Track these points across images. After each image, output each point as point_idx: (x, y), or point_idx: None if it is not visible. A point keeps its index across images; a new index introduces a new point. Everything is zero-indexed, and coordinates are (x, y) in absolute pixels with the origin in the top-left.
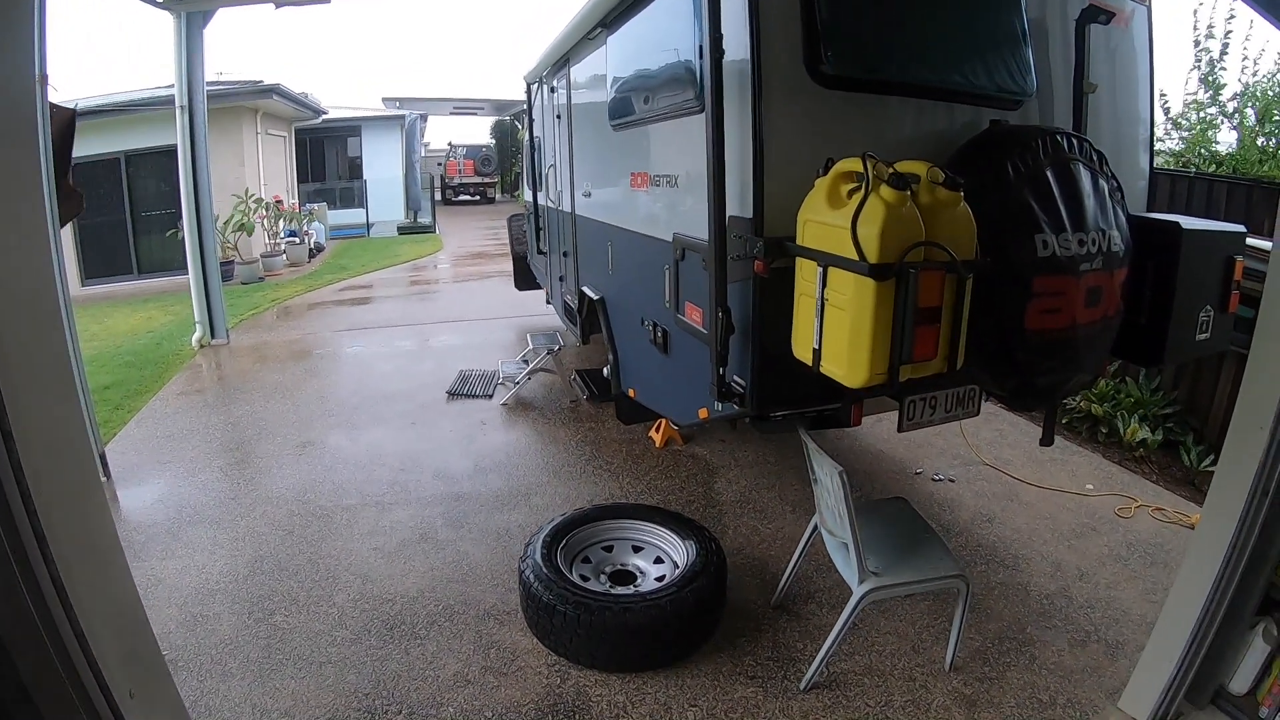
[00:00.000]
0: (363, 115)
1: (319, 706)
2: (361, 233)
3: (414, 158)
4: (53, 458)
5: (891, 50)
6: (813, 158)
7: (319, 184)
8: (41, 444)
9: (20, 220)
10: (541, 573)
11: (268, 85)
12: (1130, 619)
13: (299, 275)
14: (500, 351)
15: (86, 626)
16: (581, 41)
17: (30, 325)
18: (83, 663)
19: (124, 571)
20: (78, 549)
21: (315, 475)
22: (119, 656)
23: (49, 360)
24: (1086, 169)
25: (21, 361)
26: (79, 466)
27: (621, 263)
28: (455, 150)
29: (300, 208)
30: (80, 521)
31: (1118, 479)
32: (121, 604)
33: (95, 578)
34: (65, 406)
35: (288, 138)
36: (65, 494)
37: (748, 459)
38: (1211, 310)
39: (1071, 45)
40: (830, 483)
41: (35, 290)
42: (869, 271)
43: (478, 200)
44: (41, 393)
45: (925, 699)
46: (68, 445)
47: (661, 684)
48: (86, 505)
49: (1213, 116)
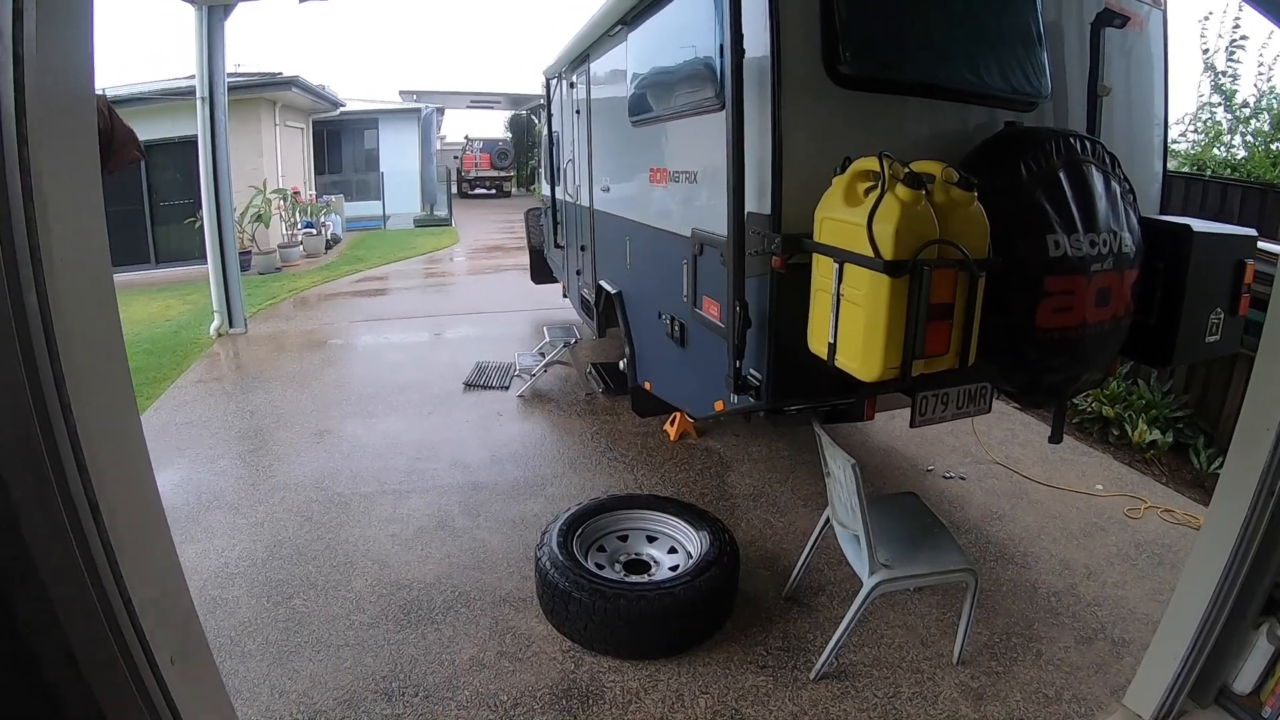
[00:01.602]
0: (380, 108)
1: (337, 688)
2: (378, 225)
3: (431, 150)
4: (106, 429)
5: (908, 51)
6: (830, 156)
7: (335, 176)
8: (97, 416)
9: (83, 211)
10: (558, 560)
11: (287, 77)
12: (1137, 618)
13: (316, 266)
14: (516, 344)
15: (134, 593)
16: (602, 38)
17: (91, 308)
18: (129, 629)
19: (168, 540)
20: (127, 518)
21: (333, 463)
22: (162, 623)
23: (105, 342)
24: (1099, 171)
25: (82, 343)
26: (129, 438)
27: (639, 257)
28: (472, 144)
29: (317, 199)
30: (128, 485)
31: (1127, 480)
32: (165, 571)
33: (142, 545)
34: (118, 387)
35: (305, 129)
36: (117, 464)
37: (761, 453)
38: (1222, 313)
39: (1086, 48)
40: (843, 475)
41: (95, 279)
42: (884, 268)
43: (493, 194)
44: (98, 372)
45: (933, 691)
46: (119, 419)
47: (674, 671)
48: (135, 474)
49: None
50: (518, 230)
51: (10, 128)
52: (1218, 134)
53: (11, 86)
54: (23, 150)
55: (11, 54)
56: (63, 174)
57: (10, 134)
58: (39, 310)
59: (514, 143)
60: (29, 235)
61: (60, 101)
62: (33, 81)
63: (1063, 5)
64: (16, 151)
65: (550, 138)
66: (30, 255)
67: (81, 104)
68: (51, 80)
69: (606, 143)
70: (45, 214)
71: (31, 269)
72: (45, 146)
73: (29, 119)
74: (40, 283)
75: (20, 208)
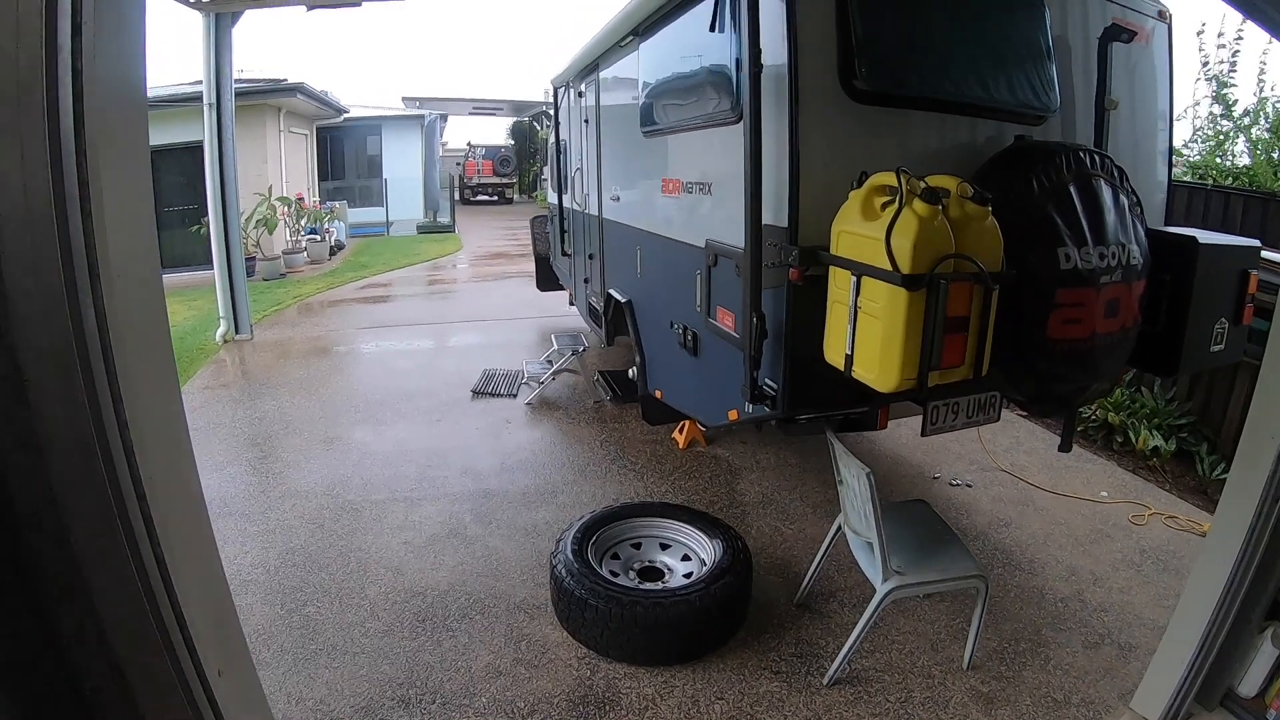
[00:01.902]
0: (383, 114)
1: (354, 695)
2: (381, 231)
3: (434, 157)
4: (159, 441)
5: (921, 66)
6: (845, 170)
7: (339, 182)
8: (151, 430)
9: (137, 222)
10: (573, 568)
11: (292, 84)
12: (1143, 623)
13: (320, 272)
14: (522, 351)
15: (185, 606)
16: (612, 48)
17: (145, 322)
18: (180, 641)
19: (214, 551)
20: (179, 530)
21: (343, 470)
22: (211, 635)
23: (157, 354)
24: (1108, 184)
25: (136, 356)
26: (179, 450)
27: (650, 267)
28: (474, 150)
29: (321, 205)
30: (180, 501)
31: (1131, 487)
32: (212, 583)
33: (192, 556)
34: (170, 399)
35: (309, 136)
36: (168, 475)
37: (769, 461)
38: (1226, 322)
39: (1093, 62)
40: (857, 484)
41: (148, 294)
42: (902, 282)
43: (495, 200)
44: (151, 385)
45: (944, 696)
46: (171, 431)
47: (689, 677)
48: (184, 485)
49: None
50: (520, 237)
51: (69, 142)
52: (1220, 142)
53: (70, 99)
54: (81, 163)
55: (71, 68)
56: (118, 185)
57: (69, 148)
58: (97, 326)
59: (516, 150)
60: (87, 252)
61: (116, 113)
62: (90, 93)
63: (1071, 20)
64: (75, 164)
65: (558, 146)
66: (89, 272)
67: (135, 115)
68: (107, 92)
69: (616, 152)
70: (103, 228)
71: (90, 285)
72: (103, 157)
73: (87, 131)
74: (98, 297)
75: (79, 221)
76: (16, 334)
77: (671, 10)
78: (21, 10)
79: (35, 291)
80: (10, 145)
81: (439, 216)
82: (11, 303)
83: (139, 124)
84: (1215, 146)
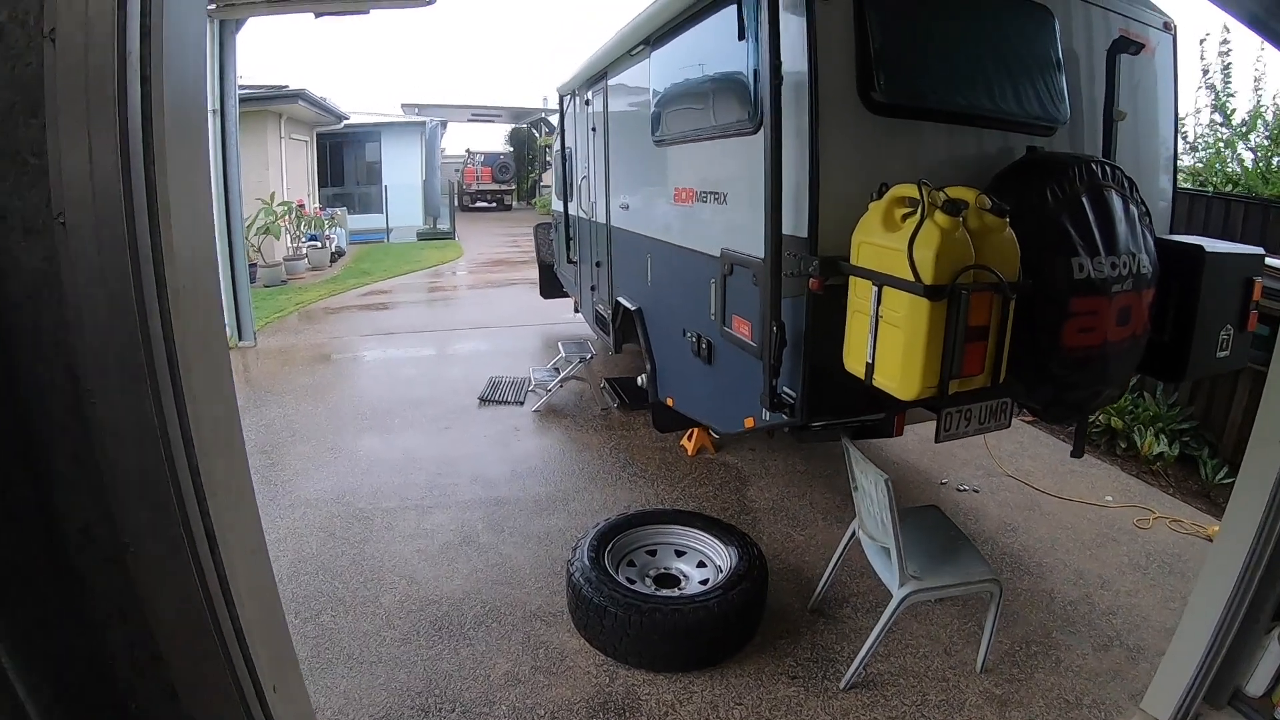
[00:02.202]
0: (383, 121)
1: (372, 705)
2: (381, 238)
3: (435, 164)
4: (219, 452)
5: (937, 78)
6: (862, 181)
7: (338, 188)
8: (211, 441)
9: (197, 211)
10: (590, 576)
11: (294, 90)
12: (1150, 625)
13: (321, 279)
14: (527, 358)
15: (244, 620)
16: (622, 57)
17: (204, 328)
18: (239, 657)
19: (268, 564)
20: (239, 544)
21: (352, 478)
22: (265, 651)
23: (217, 364)
24: (1118, 195)
25: (199, 366)
26: (236, 461)
27: (662, 275)
28: (473, 157)
29: (323, 212)
30: (238, 514)
31: (1136, 491)
32: (266, 596)
33: (250, 571)
34: (227, 407)
35: (309, 142)
36: (228, 488)
37: (778, 468)
38: (1231, 329)
39: (1101, 74)
40: (875, 490)
41: (208, 292)
42: (924, 292)
43: (494, 207)
44: (211, 393)
45: (959, 699)
46: (228, 441)
47: (707, 683)
48: (241, 497)
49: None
50: (521, 244)
51: (137, 142)
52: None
53: (139, 101)
54: (149, 169)
55: (140, 74)
56: (181, 184)
57: (137, 148)
58: (163, 335)
59: (515, 156)
60: (153, 256)
61: (179, 115)
62: (156, 97)
63: (1079, 33)
64: (143, 166)
65: (563, 154)
66: (156, 282)
67: (196, 118)
68: (172, 96)
69: (626, 161)
70: (169, 228)
71: (157, 293)
72: (170, 159)
73: (154, 133)
74: (165, 308)
75: (145, 221)
76: (76, 343)
77: (686, 20)
78: (92, 12)
79: (102, 301)
80: (79, 146)
81: (439, 223)
82: (75, 310)
83: (199, 125)
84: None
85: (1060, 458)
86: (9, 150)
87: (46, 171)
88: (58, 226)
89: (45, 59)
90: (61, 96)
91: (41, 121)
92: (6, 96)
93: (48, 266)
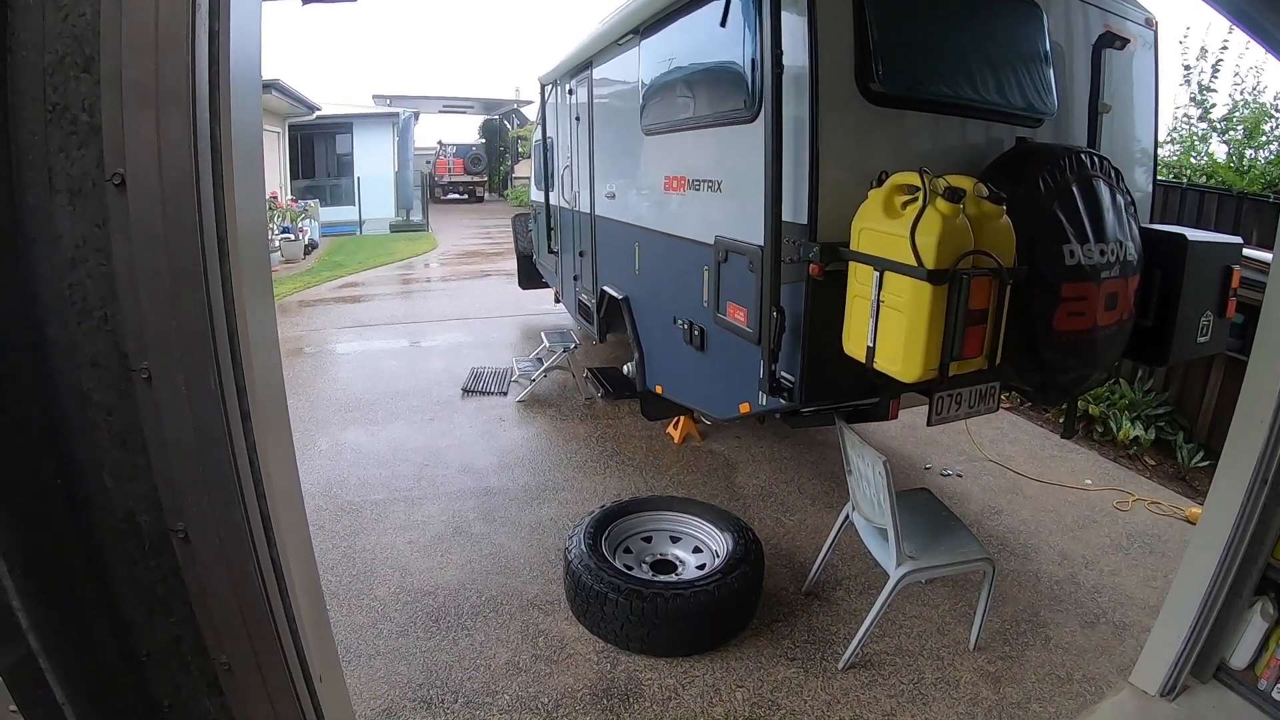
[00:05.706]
0: (355, 112)
1: (374, 698)
2: (353, 230)
3: (407, 155)
4: (274, 436)
5: (933, 70)
6: (859, 169)
7: (310, 180)
8: (267, 423)
9: (252, 181)
10: (589, 563)
11: (267, 80)
12: (1134, 602)
13: (295, 272)
14: (507, 349)
15: (296, 609)
16: (609, 46)
17: (259, 300)
18: (291, 646)
19: (312, 552)
20: (292, 529)
21: (339, 471)
22: (314, 639)
23: (268, 346)
24: (1106, 184)
25: (257, 347)
26: (286, 445)
27: (650, 263)
28: (445, 149)
29: (296, 204)
30: (288, 498)
31: (1114, 474)
32: (313, 583)
33: (299, 559)
34: (277, 386)
35: (281, 133)
36: (281, 471)
37: (764, 454)
38: (1211, 315)
39: (1088, 68)
40: (872, 473)
41: (260, 267)
42: (927, 277)
43: (466, 199)
44: (265, 372)
45: (954, 676)
46: (278, 423)
47: (707, 667)
48: (290, 480)
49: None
50: (495, 236)
51: (204, 109)
52: (1192, 144)
53: (206, 65)
54: (214, 129)
55: (208, 55)
56: (243, 151)
57: (204, 114)
58: (225, 311)
59: (487, 148)
60: (216, 226)
61: (242, 76)
62: (223, 59)
63: (1066, 29)
64: (209, 129)
65: (544, 143)
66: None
67: (254, 91)
68: (237, 57)
69: (612, 150)
70: (232, 195)
71: (220, 266)
72: (235, 123)
73: (220, 98)
74: (226, 268)
75: (210, 187)
76: (130, 315)
77: (679, 10)
78: (163, 15)
79: (164, 269)
80: (147, 106)
81: (412, 215)
82: (128, 280)
83: (256, 99)
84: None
85: (1040, 443)
86: (59, 105)
87: (99, 130)
88: (110, 188)
89: (103, 10)
90: (127, 53)
91: (95, 77)
92: (57, 48)
93: (97, 232)
